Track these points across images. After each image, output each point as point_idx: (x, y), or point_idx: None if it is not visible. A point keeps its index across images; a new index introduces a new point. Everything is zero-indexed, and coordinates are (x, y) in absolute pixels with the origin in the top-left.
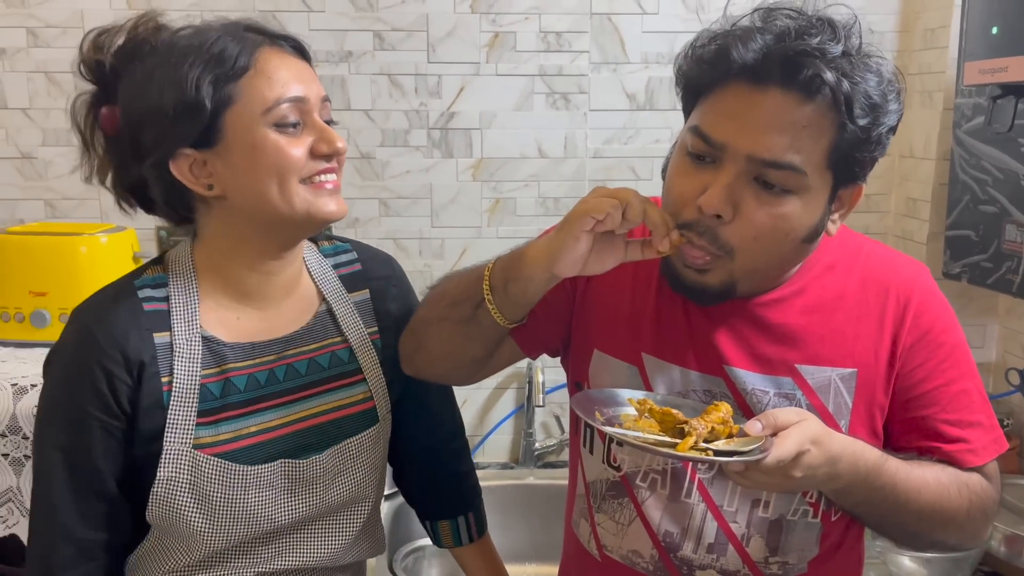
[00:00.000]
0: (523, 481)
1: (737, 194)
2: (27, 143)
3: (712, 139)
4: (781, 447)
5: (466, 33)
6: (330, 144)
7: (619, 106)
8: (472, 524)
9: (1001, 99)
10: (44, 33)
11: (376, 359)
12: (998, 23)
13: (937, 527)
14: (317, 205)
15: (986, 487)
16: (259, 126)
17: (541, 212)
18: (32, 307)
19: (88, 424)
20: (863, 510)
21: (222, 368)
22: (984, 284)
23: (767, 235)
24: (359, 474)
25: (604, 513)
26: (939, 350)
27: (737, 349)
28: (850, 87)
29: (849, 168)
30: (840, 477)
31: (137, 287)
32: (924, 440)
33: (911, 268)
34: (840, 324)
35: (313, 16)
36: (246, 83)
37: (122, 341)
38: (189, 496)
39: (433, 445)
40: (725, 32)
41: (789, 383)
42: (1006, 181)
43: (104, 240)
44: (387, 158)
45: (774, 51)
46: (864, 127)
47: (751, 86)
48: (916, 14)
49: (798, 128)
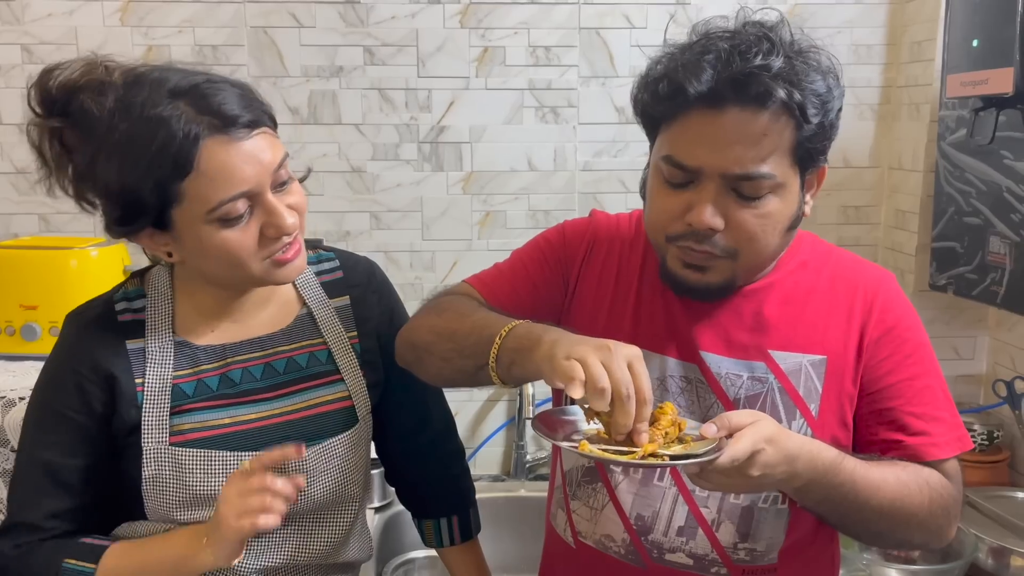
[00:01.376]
0: (514, 493)
1: (722, 206)
2: (21, 158)
3: (687, 166)
4: (735, 447)
5: (456, 48)
6: (279, 229)
7: (608, 119)
8: (455, 527)
9: (983, 111)
10: (38, 50)
11: (355, 361)
12: (979, 36)
13: (899, 525)
14: (274, 275)
15: (946, 485)
16: (204, 224)
17: (531, 225)
18: (23, 320)
19: (61, 421)
20: (825, 508)
21: (195, 369)
22: (969, 296)
23: (759, 233)
24: (342, 474)
25: (579, 499)
26: (904, 346)
27: (712, 336)
28: (800, 94)
29: (812, 158)
30: (799, 475)
31: (115, 300)
32: (889, 432)
33: (878, 272)
34: (811, 315)
35: (304, 31)
36: (189, 184)
37: (91, 351)
38: (175, 489)
39: (419, 447)
40: (673, 67)
41: (762, 367)
42: (989, 193)
43: (94, 254)
44: (378, 172)
45: (723, 76)
46: (818, 123)
47: (710, 110)
48: (903, 27)
49: (760, 138)
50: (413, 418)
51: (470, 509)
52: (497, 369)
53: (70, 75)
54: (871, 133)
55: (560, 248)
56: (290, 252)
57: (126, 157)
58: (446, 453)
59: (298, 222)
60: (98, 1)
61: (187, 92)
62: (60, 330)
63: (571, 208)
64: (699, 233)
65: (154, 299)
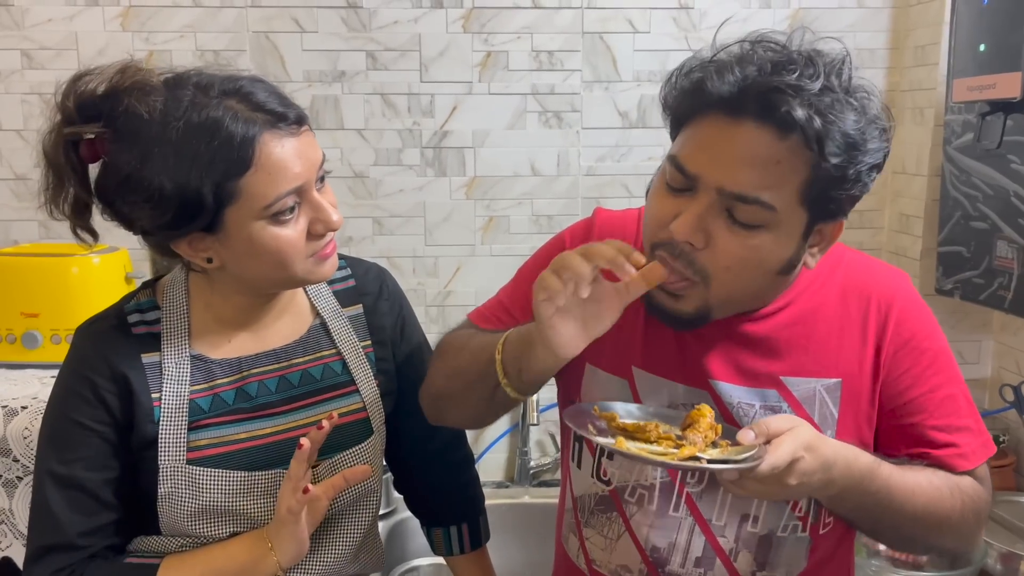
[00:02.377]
0: (518, 500)
1: (709, 224)
2: (21, 164)
3: (687, 171)
4: (775, 454)
5: (458, 53)
6: (326, 224)
7: (612, 124)
8: (466, 535)
9: (990, 116)
10: (39, 55)
11: (370, 372)
12: (985, 40)
13: (932, 530)
14: (315, 273)
15: (978, 489)
16: (257, 220)
17: (535, 230)
18: (24, 328)
19: (81, 434)
20: (858, 515)
21: (211, 384)
22: (976, 300)
23: (739, 265)
24: (357, 487)
25: (592, 528)
26: (923, 356)
27: (722, 363)
28: (823, 125)
29: (825, 205)
30: (835, 483)
31: (127, 312)
32: (914, 447)
33: (891, 276)
34: (823, 335)
35: (306, 37)
36: (248, 180)
37: (110, 362)
38: (191, 507)
39: (429, 454)
40: (704, 64)
41: (774, 395)
42: (996, 197)
43: (96, 261)
44: (380, 177)
45: (749, 85)
46: (838, 165)
47: (727, 118)
48: (907, 32)
49: (771, 164)
50: (423, 426)
51: (480, 517)
52: (511, 383)
53: (112, 79)
54: None
55: None
56: (329, 248)
57: (183, 157)
58: (455, 460)
59: (341, 219)
60: (99, 6)
61: (235, 92)
62: (72, 343)
63: (575, 213)
64: (676, 245)
65: (169, 311)
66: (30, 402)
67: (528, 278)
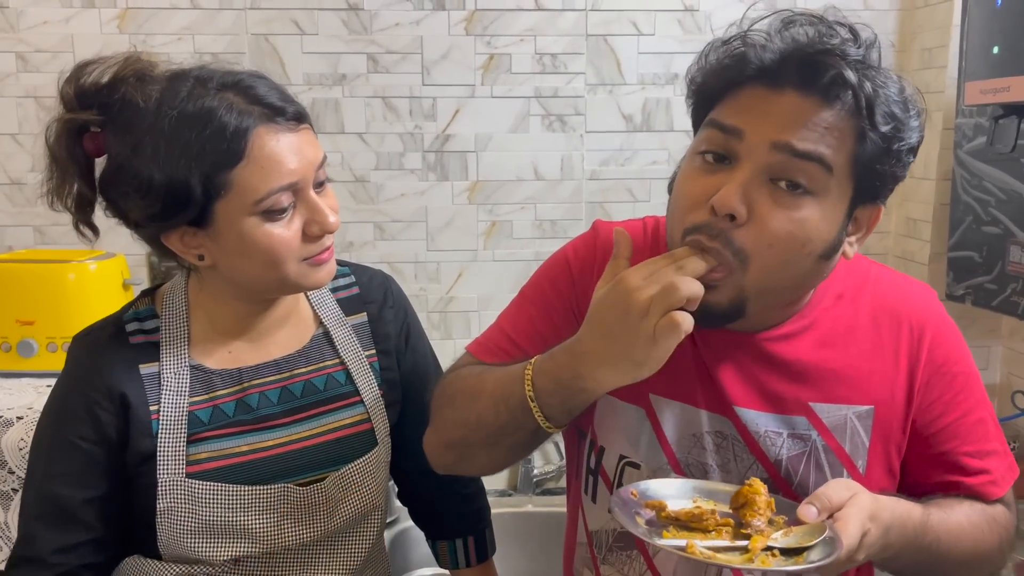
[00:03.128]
0: (521, 509)
1: (753, 194)
2: (16, 169)
3: (728, 126)
4: (848, 534)
5: (461, 55)
6: (322, 226)
7: (616, 127)
8: (471, 548)
9: (1003, 119)
10: (34, 58)
11: (374, 381)
12: (999, 43)
13: (975, 569)
14: (309, 278)
15: (1009, 517)
16: (249, 216)
17: (538, 235)
18: (19, 336)
19: (68, 449)
20: (910, 571)
21: (211, 395)
22: (989, 306)
23: (783, 242)
24: (362, 499)
25: (611, 565)
26: (955, 381)
27: (746, 388)
28: (872, 89)
29: (870, 181)
30: (891, 546)
31: (125, 321)
32: (946, 475)
33: (921, 295)
34: (854, 359)
35: (306, 39)
36: (239, 173)
37: (105, 375)
38: (190, 523)
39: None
40: (741, 36)
41: (804, 423)
42: (1009, 202)
43: (93, 267)
44: (382, 181)
45: (793, 53)
46: (885, 135)
47: (767, 89)
48: (913, 34)
49: (820, 126)
50: None
51: (486, 529)
52: (552, 422)
53: (114, 68)
54: None
55: (566, 285)
56: (326, 253)
57: (173, 146)
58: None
59: (338, 222)
60: (95, 8)
61: (234, 85)
62: (67, 353)
63: (578, 217)
64: (715, 226)
65: (168, 319)
66: (25, 412)
67: (530, 302)
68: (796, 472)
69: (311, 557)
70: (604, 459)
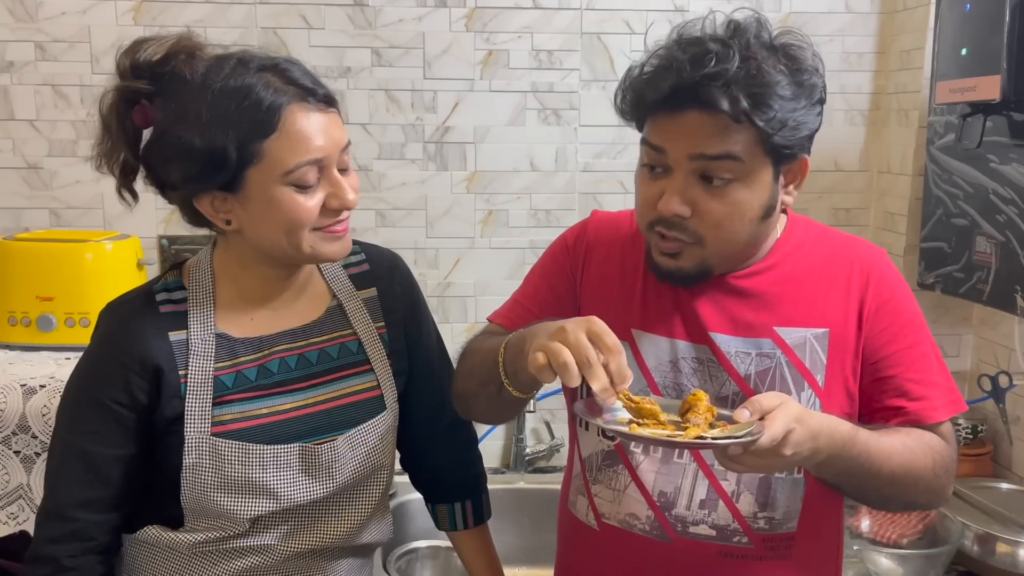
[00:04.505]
0: (514, 486)
1: (690, 194)
2: (33, 154)
3: (655, 145)
4: (772, 427)
5: (461, 51)
6: (340, 201)
7: (608, 122)
8: (469, 512)
9: (970, 117)
10: (52, 47)
11: (383, 351)
12: (967, 45)
13: (908, 488)
14: (322, 249)
15: (945, 446)
16: (278, 184)
17: (533, 224)
18: (39, 311)
19: (102, 411)
20: (842, 480)
21: (234, 361)
22: (956, 294)
23: (726, 221)
24: (371, 459)
25: (600, 483)
26: (900, 316)
27: (719, 317)
28: (750, 101)
29: (782, 149)
30: (821, 451)
31: (155, 291)
32: (892, 398)
33: (871, 247)
34: (811, 291)
35: (313, 33)
36: (271, 144)
37: (138, 342)
38: (213, 479)
39: (436, 433)
40: (637, 77)
41: (769, 343)
42: (976, 195)
43: (109, 247)
44: (384, 170)
45: (681, 84)
46: (781, 119)
47: (671, 112)
48: (892, 36)
49: (722, 129)
50: (432, 405)
51: (482, 494)
52: (512, 384)
53: (168, 45)
54: (861, 138)
55: (565, 260)
56: (340, 227)
57: (215, 115)
58: (461, 439)
59: (356, 200)
60: (112, 0)
61: (272, 67)
62: (99, 320)
63: (571, 208)
64: (668, 220)
65: (195, 291)
66: (48, 381)
67: (537, 276)
68: (764, 384)
69: (322, 513)
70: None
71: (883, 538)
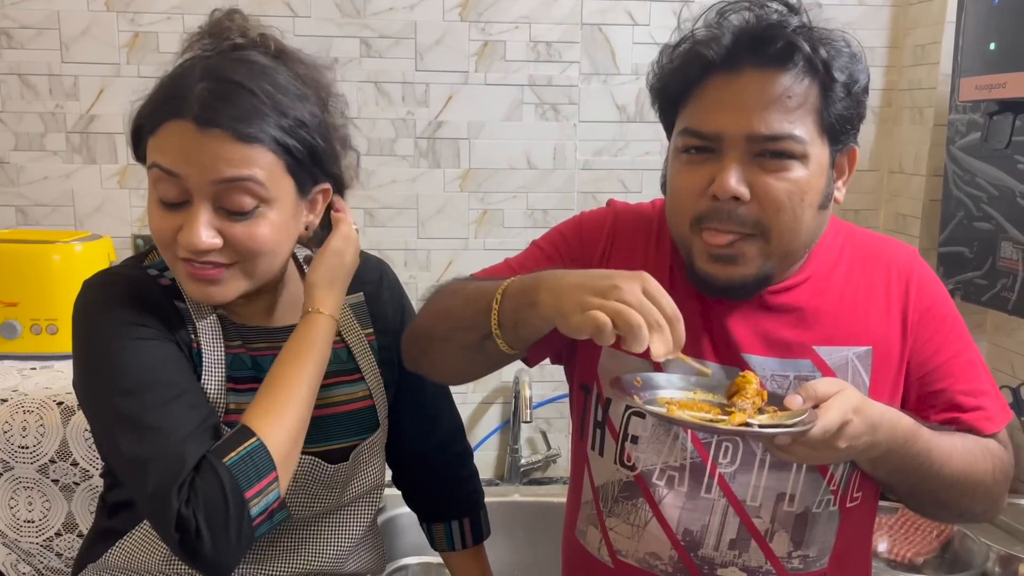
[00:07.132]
0: (508, 498)
1: (747, 174)
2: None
3: (705, 133)
4: (826, 417)
5: (455, 41)
6: (185, 243)
7: (609, 117)
8: (467, 530)
9: (998, 115)
10: (18, 34)
11: (374, 360)
12: (995, 39)
13: (967, 493)
14: (184, 283)
15: (1004, 452)
16: (150, 178)
17: (529, 224)
18: (2, 318)
19: (155, 340)
20: (898, 478)
21: (232, 343)
22: (978, 302)
23: (787, 204)
24: (368, 477)
25: (616, 516)
26: (944, 322)
27: (753, 337)
28: (821, 47)
29: (840, 129)
30: (879, 445)
31: (146, 267)
32: (943, 412)
33: (903, 247)
34: (850, 304)
35: (299, 21)
36: (169, 127)
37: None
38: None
39: (430, 448)
40: (688, 38)
41: (808, 365)
42: (1002, 198)
43: (79, 248)
44: (373, 167)
45: (740, 36)
46: (844, 83)
47: (727, 75)
48: (906, 31)
49: (783, 99)
50: (424, 419)
51: (480, 511)
52: (503, 335)
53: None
54: (871, 136)
55: (576, 244)
56: (195, 269)
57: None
58: (455, 454)
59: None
60: None
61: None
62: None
63: (570, 208)
64: (723, 210)
65: None
66: (9, 395)
67: (539, 246)
68: None
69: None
70: (610, 410)
71: (898, 557)
